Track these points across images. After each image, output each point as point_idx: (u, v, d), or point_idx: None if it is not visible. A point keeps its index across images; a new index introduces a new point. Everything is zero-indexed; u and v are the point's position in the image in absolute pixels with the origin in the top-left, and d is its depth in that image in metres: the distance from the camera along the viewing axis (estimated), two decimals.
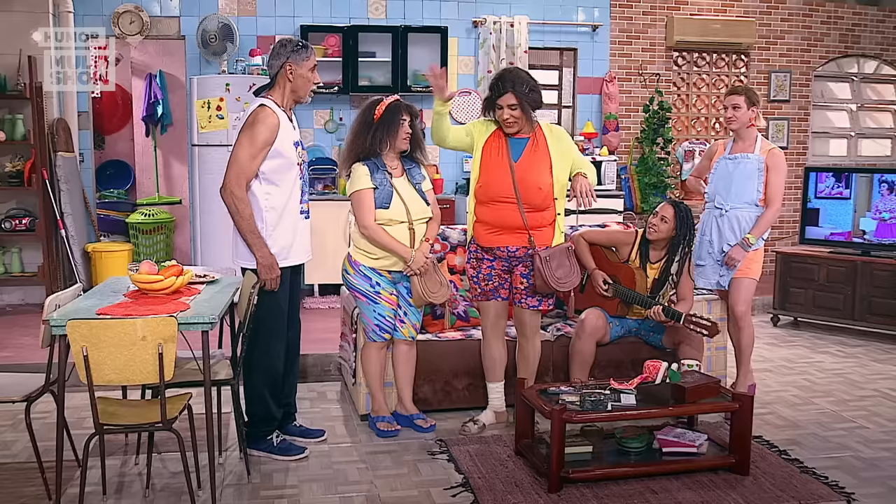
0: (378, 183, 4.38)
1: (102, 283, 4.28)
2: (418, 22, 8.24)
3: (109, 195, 9.07)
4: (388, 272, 4.49)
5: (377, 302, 4.48)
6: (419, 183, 4.53)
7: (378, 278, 4.47)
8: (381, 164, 4.42)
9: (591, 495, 3.77)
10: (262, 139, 3.94)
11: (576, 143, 8.18)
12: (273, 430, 4.28)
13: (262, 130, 3.94)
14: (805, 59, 9.40)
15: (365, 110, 4.46)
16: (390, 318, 4.52)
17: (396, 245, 4.39)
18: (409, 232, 4.44)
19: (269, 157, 4.01)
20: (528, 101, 4.24)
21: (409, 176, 4.51)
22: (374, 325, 4.51)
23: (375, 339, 4.53)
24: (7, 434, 4.56)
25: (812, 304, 7.15)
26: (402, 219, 4.41)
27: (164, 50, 9.21)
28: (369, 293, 4.48)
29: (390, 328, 4.54)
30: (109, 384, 3.38)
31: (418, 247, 4.46)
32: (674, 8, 8.91)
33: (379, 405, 4.65)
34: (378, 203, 4.37)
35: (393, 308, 4.53)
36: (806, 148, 9.57)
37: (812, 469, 4.10)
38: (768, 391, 5.40)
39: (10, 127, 7.15)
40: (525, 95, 4.22)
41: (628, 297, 4.75)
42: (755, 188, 4.87)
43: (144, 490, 3.81)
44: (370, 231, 4.37)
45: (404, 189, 4.45)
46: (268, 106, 4.03)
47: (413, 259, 4.40)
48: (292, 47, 4.06)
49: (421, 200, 4.50)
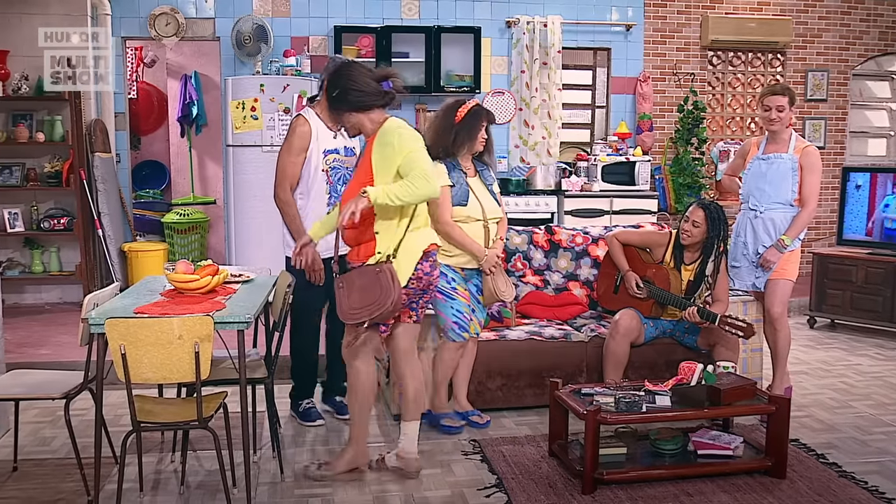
0: (455, 181, 4.46)
1: (139, 283, 4.33)
2: (451, 22, 8.24)
3: (145, 195, 9.18)
4: (461, 269, 4.54)
5: (454, 298, 4.51)
6: (490, 184, 4.63)
7: (453, 275, 4.52)
8: (456, 164, 4.51)
9: (625, 497, 3.75)
10: (296, 146, 4.38)
11: (609, 143, 8.30)
12: (306, 398, 4.78)
13: (294, 138, 4.39)
14: (843, 58, 9.27)
15: (446, 112, 4.54)
16: (467, 314, 4.55)
17: (470, 242, 4.46)
18: (483, 230, 4.52)
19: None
20: (334, 105, 3.83)
21: (481, 177, 4.61)
22: (452, 323, 4.51)
23: (455, 338, 4.53)
24: (46, 430, 4.62)
25: (849, 305, 7.05)
26: (479, 217, 4.50)
27: (199, 51, 9.30)
28: (445, 290, 4.51)
29: (468, 326, 4.56)
30: (146, 382, 3.41)
31: (492, 245, 4.53)
32: (709, 7, 8.83)
33: (441, 402, 4.68)
34: (455, 200, 4.45)
35: (469, 304, 4.56)
36: (844, 148, 9.44)
37: (851, 474, 4.04)
38: (805, 394, 5.34)
39: (49, 128, 7.26)
40: (331, 100, 3.84)
41: (663, 298, 4.71)
42: (790, 188, 4.80)
43: (180, 487, 3.85)
44: (447, 227, 4.42)
45: (478, 188, 4.55)
46: (303, 115, 4.45)
47: (487, 257, 4.46)
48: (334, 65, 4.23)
49: (493, 200, 4.59)
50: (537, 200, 7.90)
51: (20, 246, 7.51)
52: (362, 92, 3.70)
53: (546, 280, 5.45)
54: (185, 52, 9.44)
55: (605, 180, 8.09)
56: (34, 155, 7.40)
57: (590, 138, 8.98)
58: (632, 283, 4.81)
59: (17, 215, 7.30)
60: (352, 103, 3.72)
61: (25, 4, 7.04)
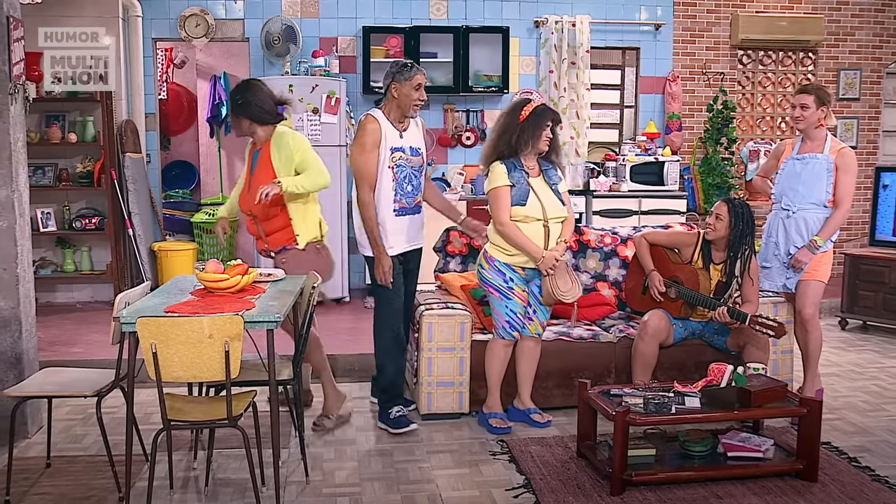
0: (515, 181, 4.46)
1: (170, 282, 4.36)
2: (479, 22, 8.24)
3: (175, 195, 9.24)
4: (521, 269, 4.53)
5: (510, 298, 4.53)
6: (556, 184, 4.59)
7: (512, 274, 4.52)
8: (518, 163, 4.51)
9: (653, 499, 3.73)
10: (369, 143, 4.47)
11: (638, 143, 8.26)
12: (395, 404, 4.67)
13: (365, 136, 4.48)
14: (876, 56, 9.15)
15: (511, 111, 4.59)
16: (521, 315, 4.56)
17: (528, 243, 4.45)
18: (543, 230, 4.49)
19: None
20: (236, 111, 4.60)
21: (545, 176, 4.58)
22: (504, 322, 4.55)
23: (505, 335, 4.58)
24: (78, 428, 4.67)
25: (882, 307, 6.96)
26: (538, 216, 4.47)
27: (228, 52, 9.36)
28: (502, 288, 4.53)
29: (519, 326, 4.58)
30: (177, 381, 3.44)
31: (554, 246, 4.50)
32: (739, 6, 8.75)
33: (494, 401, 4.69)
34: (515, 200, 4.45)
35: (524, 305, 4.57)
36: (877, 147, 9.32)
37: (885, 478, 3.99)
38: (836, 396, 5.28)
39: (81, 129, 7.35)
40: (234, 106, 4.61)
41: (692, 298, 4.68)
42: (824, 189, 4.76)
43: (208, 485, 3.88)
44: (505, 228, 4.45)
45: (541, 188, 4.52)
46: (370, 114, 4.55)
47: (544, 258, 4.44)
48: (397, 68, 4.52)
49: (557, 200, 4.55)
50: None
51: (52, 245, 7.60)
52: (263, 109, 4.54)
53: None
54: (215, 52, 9.50)
55: (634, 180, 8.05)
56: (66, 155, 7.49)
57: (618, 138, 8.94)
58: (655, 284, 4.79)
59: (49, 215, 7.39)
60: (253, 116, 4.54)
61: (62, 7, 7.13)
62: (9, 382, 4.31)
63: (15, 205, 4.40)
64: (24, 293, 4.48)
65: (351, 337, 6.29)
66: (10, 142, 4.36)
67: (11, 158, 4.37)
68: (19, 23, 4.45)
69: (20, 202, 4.46)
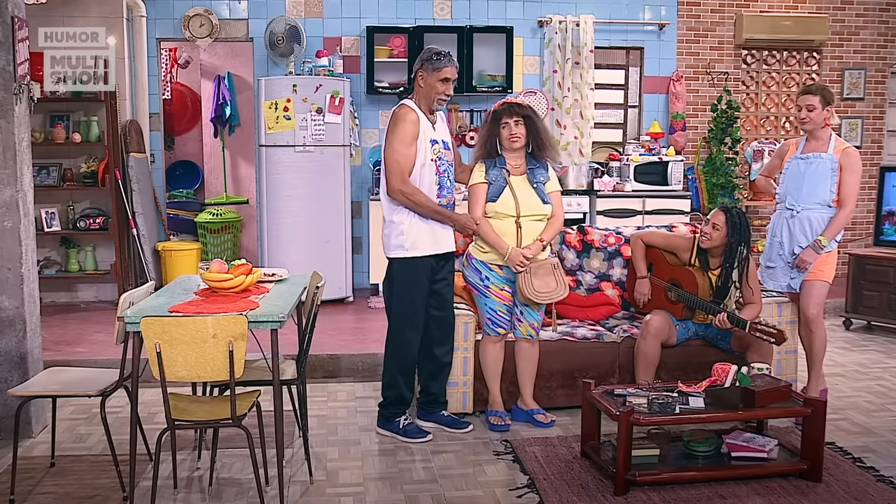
0: (492, 178, 4.48)
1: (174, 282, 4.37)
2: (483, 22, 8.23)
3: (179, 195, 9.27)
4: (498, 267, 4.53)
5: (487, 296, 4.55)
6: (540, 182, 4.55)
7: (488, 272, 4.54)
8: (501, 161, 4.53)
9: (657, 499, 3.73)
10: (408, 133, 4.29)
11: (642, 142, 8.26)
12: (403, 413, 4.55)
13: (404, 125, 4.29)
14: (881, 56, 9.13)
15: (489, 112, 4.64)
16: (502, 312, 4.57)
17: (496, 239, 4.46)
18: (515, 227, 4.47)
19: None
20: None
21: (530, 175, 4.55)
22: (486, 319, 4.59)
23: (489, 332, 4.61)
24: (82, 427, 4.68)
25: (886, 307, 6.95)
26: (510, 213, 4.46)
27: (232, 52, 9.38)
28: (479, 286, 4.56)
29: (504, 323, 4.58)
30: (181, 380, 3.44)
31: (528, 244, 4.48)
32: (743, 5, 8.74)
33: (493, 399, 4.70)
34: (488, 197, 4.47)
35: (505, 304, 4.57)
36: (881, 147, 9.30)
37: (889, 478, 3.98)
38: (841, 396, 5.27)
39: (85, 129, 7.36)
40: None
41: (692, 302, 4.68)
42: (828, 189, 4.75)
43: (212, 485, 3.88)
44: (479, 224, 4.48)
45: (520, 186, 4.51)
46: (406, 104, 4.38)
47: (508, 255, 4.44)
48: (427, 56, 4.38)
49: (537, 198, 4.52)
50: (569, 200, 7.85)
51: (57, 245, 7.61)
52: None
53: (578, 280, 5.43)
54: (219, 52, 9.52)
55: (638, 180, 8.05)
56: (71, 155, 7.51)
57: (622, 138, 8.93)
58: (643, 291, 4.88)
59: (53, 215, 7.40)
60: None
61: (66, 7, 7.15)
62: (13, 382, 4.33)
63: (19, 204, 4.41)
64: (28, 293, 4.48)
65: (354, 337, 6.29)
66: (15, 141, 4.37)
67: (16, 158, 4.38)
68: (24, 23, 4.46)
69: (25, 202, 4.47)
